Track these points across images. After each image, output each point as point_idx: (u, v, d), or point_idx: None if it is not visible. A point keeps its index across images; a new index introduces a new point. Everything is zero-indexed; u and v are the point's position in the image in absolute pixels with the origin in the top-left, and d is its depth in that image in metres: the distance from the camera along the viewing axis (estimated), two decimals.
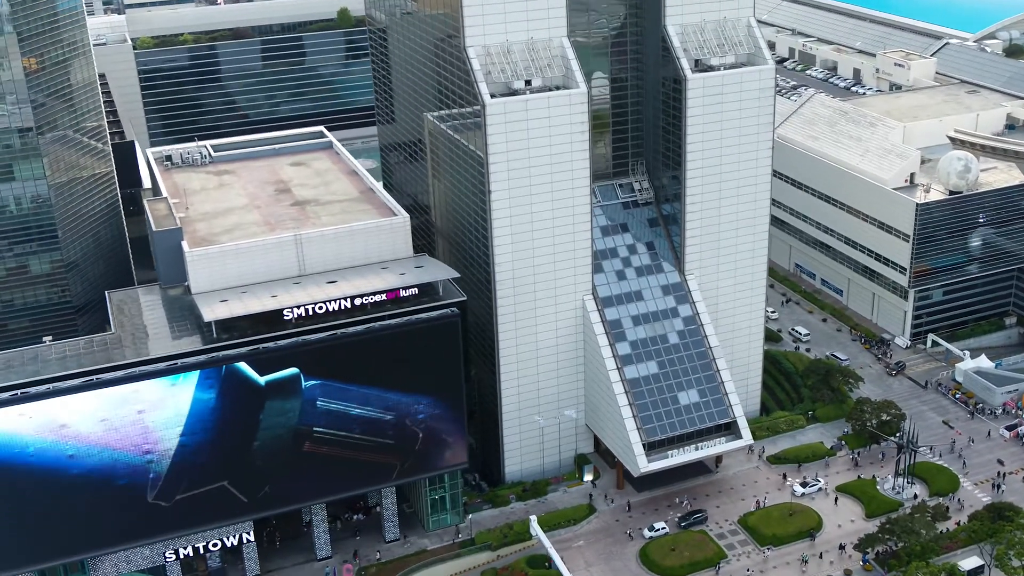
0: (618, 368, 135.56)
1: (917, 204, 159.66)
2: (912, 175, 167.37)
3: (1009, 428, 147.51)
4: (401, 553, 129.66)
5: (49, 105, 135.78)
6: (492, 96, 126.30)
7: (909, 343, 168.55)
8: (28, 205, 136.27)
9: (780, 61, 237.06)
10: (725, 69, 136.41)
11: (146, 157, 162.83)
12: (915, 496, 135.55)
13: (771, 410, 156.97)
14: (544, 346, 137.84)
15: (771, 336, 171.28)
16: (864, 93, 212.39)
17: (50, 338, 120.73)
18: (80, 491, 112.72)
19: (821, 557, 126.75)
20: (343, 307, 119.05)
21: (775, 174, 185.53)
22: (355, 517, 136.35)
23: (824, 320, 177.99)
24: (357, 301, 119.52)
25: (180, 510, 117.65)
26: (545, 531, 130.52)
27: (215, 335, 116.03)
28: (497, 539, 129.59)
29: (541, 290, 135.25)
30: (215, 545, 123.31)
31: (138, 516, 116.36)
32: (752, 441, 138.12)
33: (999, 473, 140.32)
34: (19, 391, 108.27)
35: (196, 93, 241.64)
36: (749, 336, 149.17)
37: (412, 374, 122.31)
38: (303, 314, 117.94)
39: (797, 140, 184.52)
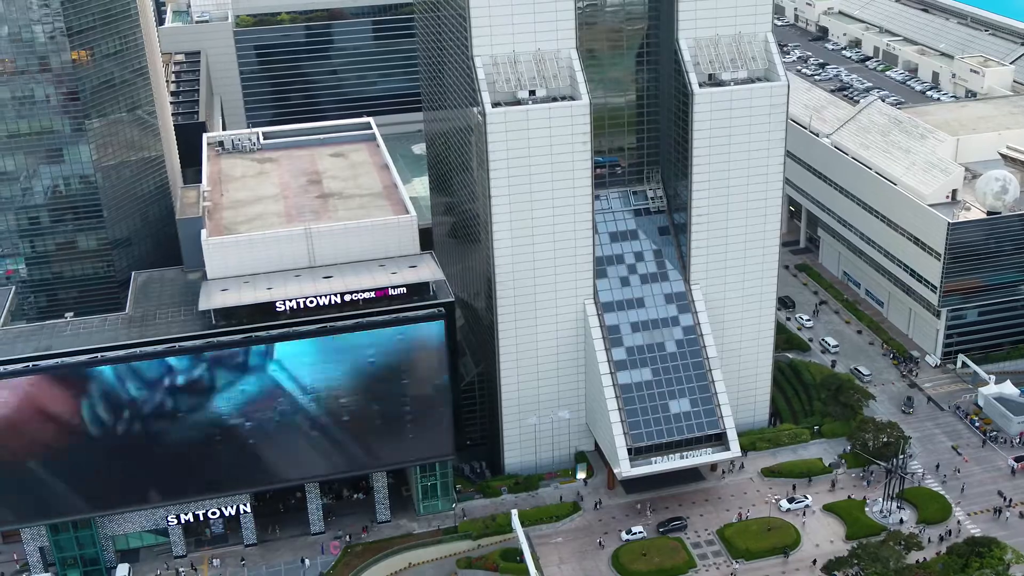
0: (611, 373, 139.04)
1: (948, 223, 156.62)
2: (954, 191, 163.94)
3: (1018, 459, 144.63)
4: (388, 534, 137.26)
5: (98, 94, 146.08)
6: (494, 105, 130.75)
7: (939, 362, 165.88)
8: (76, 186, 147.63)
9: (863, 60, 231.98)
10: (737, 84, 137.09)
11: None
12: (901, 521, 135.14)
13: (787, 420, 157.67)
14: (544, 347, 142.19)
15: (800, 345, 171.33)
16: (939, 99, 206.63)
17: (71, 314, 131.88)
18: (86, 454, 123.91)
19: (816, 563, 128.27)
20: (333, 302, 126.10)
21: (826, 180, 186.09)
22: (356, 496, 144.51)
23: (859, 332, 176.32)
24: (347, 297, 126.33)
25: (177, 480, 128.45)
26: (529, 525, 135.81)
27: (213, 322, 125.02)
28: (478, 529, 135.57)
29: (541, 293, 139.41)
30: (214, 513, 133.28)
31: (137, 482, 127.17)
32: (739, 453, 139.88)
33: (1007, 501, 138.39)
34: (31, 363, 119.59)
35: (290, 72, 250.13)
36: (757, 347, 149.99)
37: (400, 369, 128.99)
38: (295, 307, 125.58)
39: (850, 147, 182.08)
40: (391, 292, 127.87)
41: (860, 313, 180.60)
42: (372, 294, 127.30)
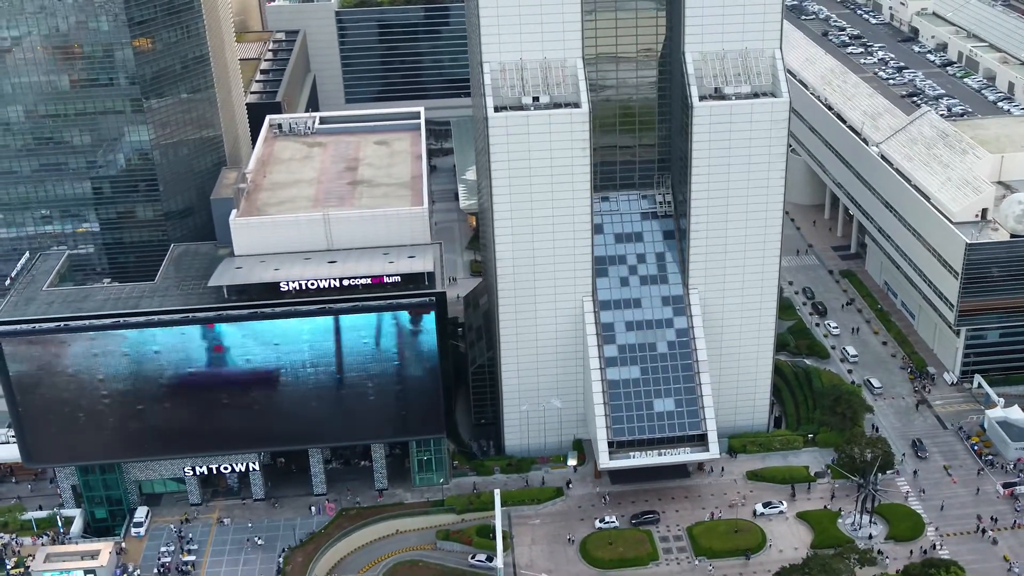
0: (601, 368, 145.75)
1: (967, 243, 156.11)
2: (984, 210, 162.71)
3: (1006, 485, 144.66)
4: (383, 501, 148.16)
5: (158, 79, 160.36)
6: (497, 109, 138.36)
7: (955, 380, 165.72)
8: (136, 161, 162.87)
9: (945, 65, 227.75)
10: (739, 99, 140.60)
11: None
12: (870, 536, 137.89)
13: (791, 426, 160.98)
14: (543, 339, 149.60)
15: (820, 352, 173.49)
16: (1009, 110, 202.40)
17: (108, 280, 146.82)
18: (109, 407, 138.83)
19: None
20: (333, 285, 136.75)
21: (870, 189, 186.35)
22: (363, 463, 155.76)
23: (884, 343, 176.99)
24: (346, 282, 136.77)
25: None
26: (511, 505, 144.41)
27: (226, 296, 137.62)
28: (462, 505, 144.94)
29: (541, 288, 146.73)
30: (227, 468, 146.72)
31: (157, 434, 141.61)
32: (718, 455, 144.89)
33: (993, 521, 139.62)
34: (62, 323, 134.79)
35: (389, 53, 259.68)
36: (757, 353, 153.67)
37: (392, 351, 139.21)
38: (298, 288, 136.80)
39: (895, 158, 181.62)
40: (386, 280, 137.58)
41: (890, 324, 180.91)
42: (369, 280, 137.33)
